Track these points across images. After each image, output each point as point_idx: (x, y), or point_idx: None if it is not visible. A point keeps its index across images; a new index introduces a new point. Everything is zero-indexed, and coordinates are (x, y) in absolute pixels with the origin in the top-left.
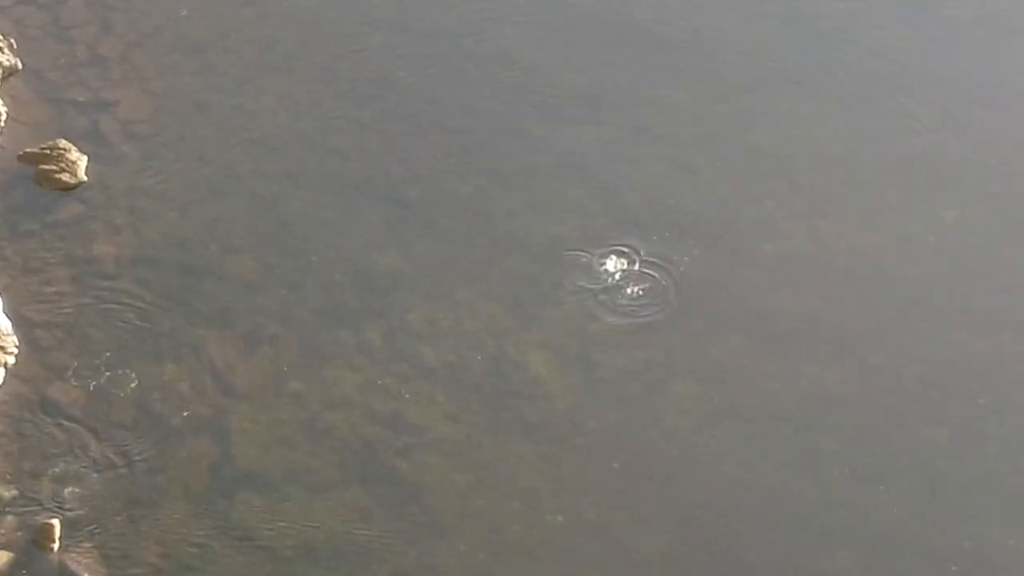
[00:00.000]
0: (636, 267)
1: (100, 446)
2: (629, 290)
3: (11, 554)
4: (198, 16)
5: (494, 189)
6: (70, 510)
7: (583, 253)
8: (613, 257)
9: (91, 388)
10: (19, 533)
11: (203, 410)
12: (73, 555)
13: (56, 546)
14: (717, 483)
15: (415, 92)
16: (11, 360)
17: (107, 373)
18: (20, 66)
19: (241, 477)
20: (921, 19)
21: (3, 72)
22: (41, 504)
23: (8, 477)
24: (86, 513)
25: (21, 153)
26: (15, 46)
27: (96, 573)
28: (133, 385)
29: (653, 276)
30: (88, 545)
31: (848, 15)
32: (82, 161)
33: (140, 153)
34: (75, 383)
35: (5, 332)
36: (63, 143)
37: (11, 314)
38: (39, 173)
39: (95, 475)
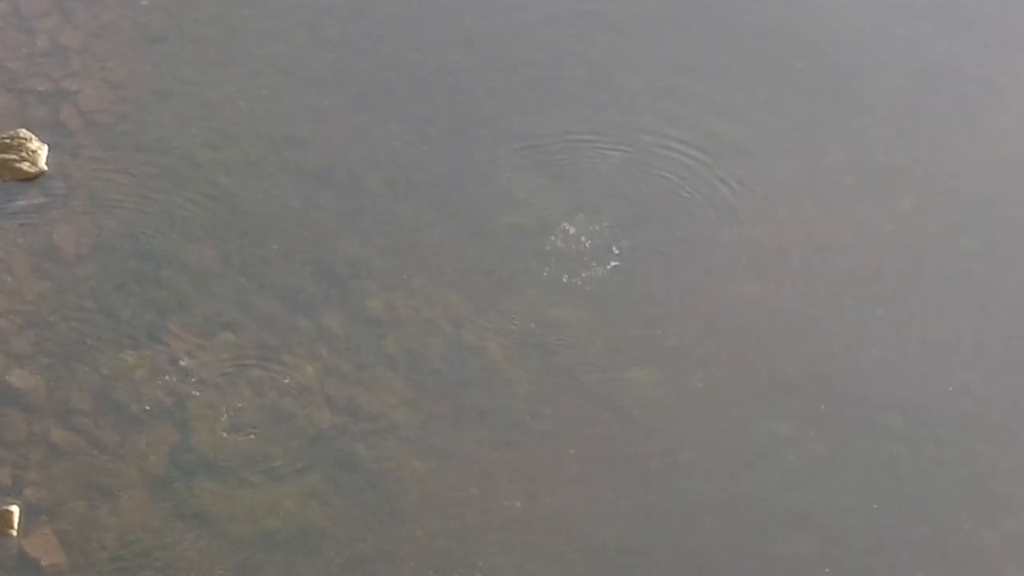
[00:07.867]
0: (595, 255)
1: (60, 432)
2: (587, 277)
3: None
4: (159, 6)
5: (454, 178)
6: (30, 496)
7: (541, 241)
8: (571, 245)
9: (51, 375)
10: None
11: (162, 397)
12: (32, 541)
13: (15, 532)
14: (673, 469)
15: (375, 82)
16: None
17: (67, 360)
18: None
19: (200, 463)
20: (877, 6)
21: None
22: (0, 490)
23: None
24: (46, 499)
25: None
26: None
27: (56, 559)
28: (93, 372)
29: (611, 263)
30: (48, 531)
31: (802, 3)
32: (43, 151)
33: (101, 143)
34: (35, 370)
35: None
36: (24, 132)
37: None
38: None
39: (55, 461)
